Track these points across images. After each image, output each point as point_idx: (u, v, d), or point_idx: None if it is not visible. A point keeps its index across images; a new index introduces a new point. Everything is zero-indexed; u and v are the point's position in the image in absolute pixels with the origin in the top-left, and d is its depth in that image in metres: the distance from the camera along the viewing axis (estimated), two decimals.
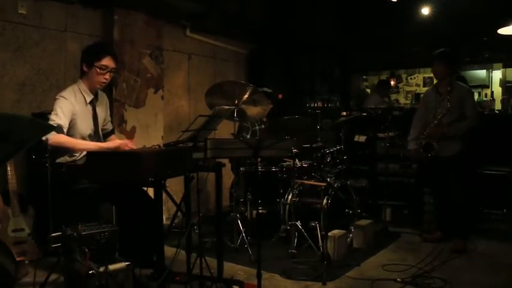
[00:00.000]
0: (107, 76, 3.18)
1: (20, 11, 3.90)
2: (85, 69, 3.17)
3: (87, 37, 4.34)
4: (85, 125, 3.18)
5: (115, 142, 3.12)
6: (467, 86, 4.44)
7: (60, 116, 3.00)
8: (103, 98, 3.41)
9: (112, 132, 3.55)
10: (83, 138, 3.15)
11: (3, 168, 3.24)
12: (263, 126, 4.85)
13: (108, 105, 3.48)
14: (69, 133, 3.09)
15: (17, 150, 1.29)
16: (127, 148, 3.01)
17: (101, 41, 4.10)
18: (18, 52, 3.92)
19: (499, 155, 4.75)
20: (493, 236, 4.41)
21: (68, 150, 3.07)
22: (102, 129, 3.37)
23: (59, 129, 2.94)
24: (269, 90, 4.02)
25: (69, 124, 3.08)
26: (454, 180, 4.16)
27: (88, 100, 3.20)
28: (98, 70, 3.13)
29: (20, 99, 3.94)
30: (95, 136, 3.25)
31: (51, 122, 2.90)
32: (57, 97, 3.09)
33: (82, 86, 3.19)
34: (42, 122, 2.42)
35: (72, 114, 3.08)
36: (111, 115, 3.67)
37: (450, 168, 4.15)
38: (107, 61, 3.15)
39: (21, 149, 1.31)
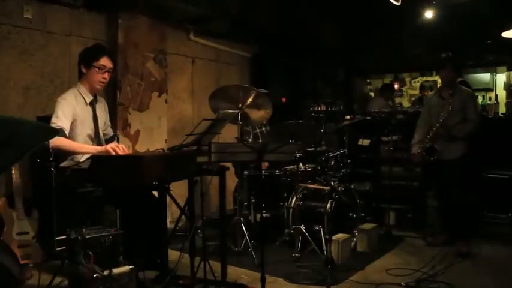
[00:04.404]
0: (105, 76, 3.24)
1: (25, 16, 3.92)
2: (83, 70, 3.22)
3: (92, 41, 4.34)
4: (86, 126, 3.21)
5: (107, 146, 3.06)
6: (469, 90, 4.44)
7: (61, 118, 3.03)
8: (102, 101, 3.46)
9: (113, 138, 3.56)
10: (84, 140, 3.17)
11: (8, 172, 3.25)
12: (264, 129, 4.84)
13: (107, 110, 3.52)
14: (70, 134, 3.11)
15: (22, 154, 1.29)
16: (119, 150, 2.95)
17: (97, 43, 4.11)
18: (23, 56, 3.94)
19: (504, 159, 4.72)
20: (498, 240, 4.38)
21: (68, 154, 3.08)
22: (103, 134, 3.39)
23: (61, 132, 2.96)
24: (265, 91, 4.00)
25: (71, 126, 3.10)
26: (456, 183, 4.16)
27: (88, 101, 3.24)
28: (97, 70, 3.19)
29: (24, 102, 3.96)
30: (95, 137, 3.27)
31: (52, 125, 2.91)
32: (58, 100, 3.13)
33: (81, 88, 3.23)
34: (47, 126, 2.43)
35: (73, 116, 3.11)
36: (114, 119, 3.68)
37: (453, 171, 4.15)
38: (105, 61, 3.22)
39: (26, 153, 1.31)
